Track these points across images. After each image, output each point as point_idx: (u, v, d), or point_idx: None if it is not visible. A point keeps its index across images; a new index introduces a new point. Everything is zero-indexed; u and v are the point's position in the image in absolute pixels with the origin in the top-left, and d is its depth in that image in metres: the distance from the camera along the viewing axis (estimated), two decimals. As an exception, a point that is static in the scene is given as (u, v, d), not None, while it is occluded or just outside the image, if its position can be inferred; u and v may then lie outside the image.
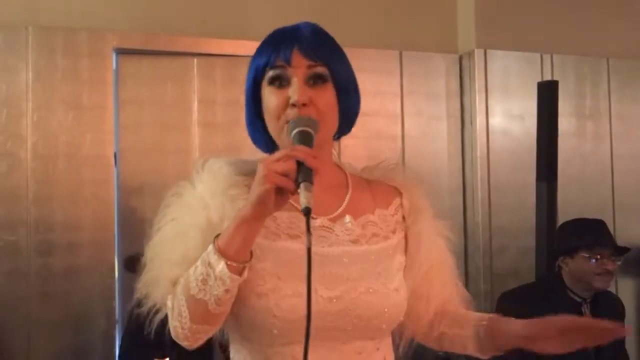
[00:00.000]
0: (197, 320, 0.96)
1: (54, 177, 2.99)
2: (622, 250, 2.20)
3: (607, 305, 2.21)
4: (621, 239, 3.80)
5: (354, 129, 1.17)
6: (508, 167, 3.66)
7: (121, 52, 3.16)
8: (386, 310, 1.02)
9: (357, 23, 3.42)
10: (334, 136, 1.11)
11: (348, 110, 1.07)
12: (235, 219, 0.93)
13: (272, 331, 0.97)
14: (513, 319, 1.10)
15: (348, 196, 1.09)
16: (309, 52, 1.01)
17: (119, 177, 3.16)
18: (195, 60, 3.31)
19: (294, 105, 1.00)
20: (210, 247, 0.94)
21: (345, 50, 1.25)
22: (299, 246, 1.00)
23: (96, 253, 3.04)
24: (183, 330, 0.99)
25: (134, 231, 3.20)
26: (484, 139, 3.66)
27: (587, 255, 2.05)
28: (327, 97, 1.02)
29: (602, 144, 3.89)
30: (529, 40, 3.72)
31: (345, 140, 2.76)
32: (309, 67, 1.01)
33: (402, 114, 3.58)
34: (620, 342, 2.28)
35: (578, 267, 2.09)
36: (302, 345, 0.94)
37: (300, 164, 0.89)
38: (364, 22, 3.47)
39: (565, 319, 1.05)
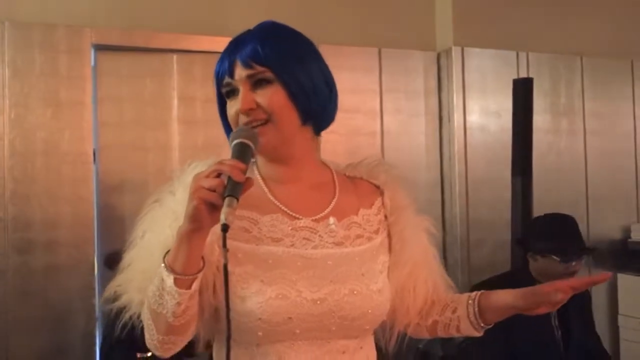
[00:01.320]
0: (162, 332, 0.99)
1: (32, 175, 2.96)
2: (589, 251, 2.26)
3: (572, 299, 2.26)
4: (594, 233, 3.91)
5: (333, 126, 1.17)
6: (485, 163, 3.72)
7: (100, 48, 3.13)
8: (369, 311, 1.04)
9: (336, 21, 3.44)
10: (314, 131, 1.12)
11: (309, 106, 1.07)
12: (177, 235, 0.94)
13: (257, 333, 0.99)
14: (499, 291, 1.16)
15: (335, 200, 1.10)
16: (248, 61, 1.04)
17: (98, 175, 3.13)
18: (174, 56, 3.30)
19: (241, 114, 1.04)
20: (162, 264, 0.96)
21: (325, 47, 1.26)
22: (282, 249, 1.02)
23: (75, 251, 3.02)
24: (153, 341, 1.02)
25: (114, 229, 3.18)
26: (462, 135, 3.71)
27: (558, 259, 2.10)
28: (272, 97, 1.03)
29: (576, 140, 3.98)
30: (505, 38, 3.79)
31: (325, 136, 2.79)
32: (249, 76, 1.04)
33: (381, 110, 3.61)
34: (590, 329, 2.34)
35: (546, 266, 2.15)
36: (287, 344, 0.97)
37: (229, 179, 0.90)
38: (343, 19, 3.49)
39: (550, 286, 1.11)
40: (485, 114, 3.77)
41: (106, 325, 2.57)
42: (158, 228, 1.04)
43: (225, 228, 0.86)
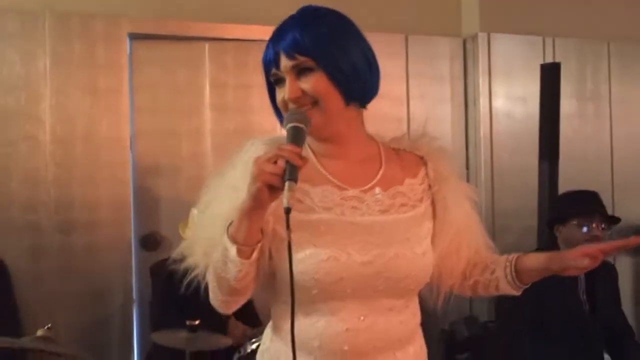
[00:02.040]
0: (225, 293, 1.10)
1: (73, 159, 3.11)
2: (612, 220, 2.31)
3: (600, 270, 2.32)
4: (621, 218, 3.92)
5: (368, 116, 1.25)
6: (510, 149, 3.75)
7: (135, 37, 3.25)
8: (413, 273, 1.13)
9: (363, 7, 3.48)
10: (360, 104, 1.18)
11: (351, 87, 1.13)
12: (239, 210, 1.03)
13: (312, 291, 1.08)
14: (533, 254, 1.25)
15: (381, 171, 1.18)
16: (290, 52, 1.11)
17: (135, 159, 3.27)
18: (207, 44, 3.40)
19: (288, 101, 1.13)
20: (225, 235, 1.05)
21: None
22: (333, 217, 1.11)
23: (114, 231, 3.17)
24: (217, 300, 1.13)
25: (149, 211, 3.33)
26: (487, 121, 3.75)
27: (577, 223, 2.17)
28: (315, 84, 1.11)
29: (602, 125, 3.98)
30: (531, 24, 3.80)
31: None
32: (293, 66, 1.11)
33: (407, 96, 3.67)
34: (616, 303, 2.40)
35: (569, 234, 2.22)
36: (339, 301, 1.07)
37: (287, 164, 0.98)
38: (370, 6, 3.54)
39: (577, 251, 1.20)
40: (511, 100, 3.80)
41: (160, 291, 2.69)
42: (220, 200, 1.14)
43: (288, 211, 0.95)
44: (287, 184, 0.96)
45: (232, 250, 1.03)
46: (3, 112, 3.00)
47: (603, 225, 2.26)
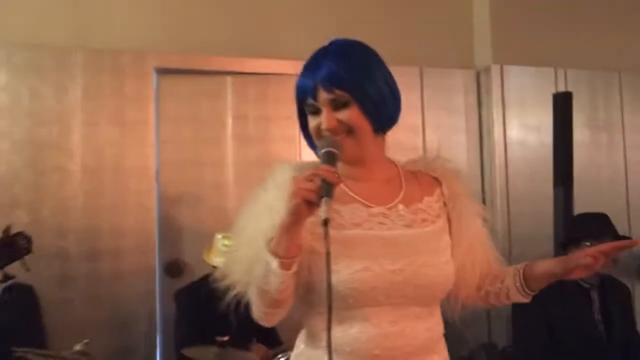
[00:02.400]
0: (267, 305, 1.18)
1: (101, 189, 3.22)
2: (622, 239, 2.35)
3: (613, 289, 2.39)
4: (636, 247, 3.94)
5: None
6: (525, 177, 3.82)
7: (161, 71, 3.40)
8: (440, 280, 1.22)
9: (379, 41, 3.59)
10: (381, 132, 1.28)
11: (381, 118, 1.25)
12: (279, 226, 1.12)
13: (348, 300, 1.16)
14: (540, 261, 1.32)
15: (403, 191, 1.28)
16: (328, 85, 1.21)
17: (160, 188, 3.38)
18: (229, 78, 3.54)
19: (325, 129, 1.22)
20: (265, 250, 1.14)
21: None
22: (363, 231, 1.21)
23: (138, 259, 3.26)
24: (259, 313, 1.21)
25: (173, 238, 3.42)
26: (502, 150, 3.84)
27: (589, 244, 2.22)
28: (351, 116, 1.21)
29: (615, 154, 4.05)
30: (543, 55, 3.91)
31: None
32: (331, 100, 1.21)
33: (423, 126, 3.77)
34: (631, 322, 2.43)
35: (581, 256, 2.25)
36: (371, 308, 1.16)
37: (323, 181, 1.08)
38: (386, 39, 3.66)
39: (580, 252, 1.27)
40: (525, 129, 3.88)
41: (187, 313, 2.77)
42: (256, 220, 1.22)
43: (326, 222, 1.05)
44: (324, 199, 1.06)
45: (274, 263, 1.11)
46: (36, 143, 3.13)
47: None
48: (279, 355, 2.29)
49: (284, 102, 3.62)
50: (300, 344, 1.29)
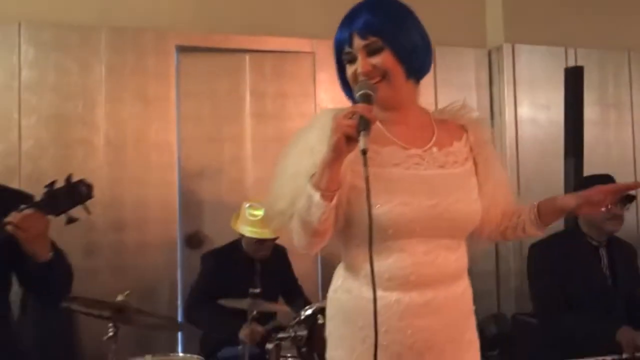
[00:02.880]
0: (309, 234, 1.27)
1: (124, 162, 3.34)
2: (628, 198, 2.46)
3: (620, 248, 2.50)
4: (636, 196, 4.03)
5: None
6: (536, 154, 3.91)
7: (182, 49, 3.50)
8: (470, 215, 1.35)
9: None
10: (416, 80, 1.39)
11: (412, 64, 1.34)
12: (321, 162, 1.22)
13: (388, 231, 1.27)
14: (554, 197, 1.44)
15: (435, 135, 1.39)
16: (362, 32, 1.32)
17: (181, 162, 3.49)
18: (247, 56, 3.64)
19: (359, 74, 1.33)
20: (308, 184, 1.26)
21: None
22: (401, 170, 1.32)
23: (161, 230, 3.38)
24: (302, 242, 1.31)
25: (194, 211, 3.54)
26: (513, 128, 3.93)
27: None
28: (384, 61, 1.32)
29: (624, 131, 4.13)
30: (554, 35, 3.98)
31: None
32: (365, 46, 1.32)
33: (435, 103, 3.86)
34: (636, 278, 2.54)
35: (592, 215, 2.36)
36: (408, 240, 1.27)
37: (361, 117, 1.18)
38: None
39: (590, 190, 1.39)
40: (535, 107, 3.97)
41: (213, 271, 2.91)
42: (299, 160, 1.33)
43: (365, 152, 1.16)
44: (362, 133, 1.17)
45: (316, 196, 1.22)
46: (62, 117, 3.25)
47: (621, 204, 2.41)
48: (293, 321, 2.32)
49: (300, 79, 3.72)
50: (338, 279, 1.39)
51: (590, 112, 3.89)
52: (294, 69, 3.68)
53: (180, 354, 2.50)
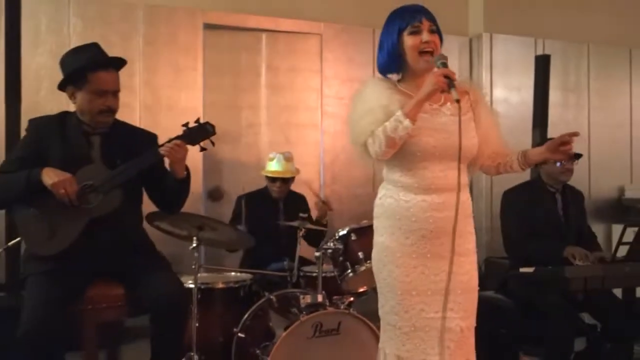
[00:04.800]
0: (389, 146, 1.79)
1: (157, 124, 3.80)
2: (577, 156, 3.10)
3: (571, 194, 3.17)
4: (594, 191, 4.74)
5: None
6: (507, 130, 4.44)
7: (208, 26, 3.98)
8: (469, 146, 1.86)
9: (386, 8, 4.24)
10: None
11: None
12: (413, 100, 1.77)
13: (417, 154, 1.83)
14: (534, 149, 1.98)
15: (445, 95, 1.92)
16: (429, 18, 1.91)
17: (205, 126, 3.98)
18: (263, 35, 4.15)
19: (425, 42, 1.87)
20: (399, 113, 1.77)
21: (370, 32, 1.86)
22: (427, 116, 1.84)
23: (188, 184, 3.87)
24: (381, 151, 1.79)
25: (214, 169, 4.05)
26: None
27: (553, 161, 2.97)
28: (436, 40, 1.90)
29: (581, 114, 4.81)
30: (526, 26, 4.61)
31: None
32: (429, 26, 1.90)
33: (424, 83, 4.44)
34: (583, 217, 3.22)
35: (550, 168, 3.05)
36: (429, 162, 1.83)
37: (450, 79, 1.74)
38: (387, 6, 4.29)
39: (556, 140, 1.91)
40: (508, 90, 4.59)
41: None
42: (374, 101, 1.85)
43: (458, 100, 1.71)
44: (452, 88, 1.73)
45: (406, 121, 1.76)
46: (105, 83, 3.70)
47: (570, 160, 3.06)
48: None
49: (309, 56, 4.25)
50: (382, 190, 1.93)
51: (553, 95, 4.53)
52: (304, 48, 4.21)
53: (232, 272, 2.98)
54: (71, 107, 2.44)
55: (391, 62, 1.95)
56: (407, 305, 1.82)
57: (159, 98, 3.84)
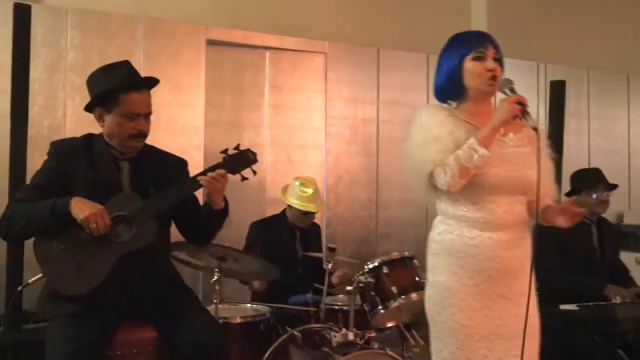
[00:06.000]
0: (462, 176, 1.69)
1: (156, 142, 3.60)
2: (613, 187, 3.03)
3: (606, 227, 3.08)
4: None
5: (391, 116, 1.78)
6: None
7: (211, 43, 3.83)
8: (532, 180, 1.72)
9: (397, 30, 4.18)
10: None
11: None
12: (488, 128, 1.68)
13: (485, 187, 1.72)
14: (556, 205, 1.85)
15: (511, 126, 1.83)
16: (496, 46, 1.84)
17: (205, 145, 3.82)
18: (267, 53, 4.01)
19: (490, 71, 1.78)
20: (473, 140, 1.67)
21: (383, 52, 1.77)
22: (493, 148, 1.71)
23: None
24: (453, 182, 1.68)
25: (215, 191, 3.87)
26: (489, 130, 4.49)
27: (589, 193, 2.89)
28: (499, 70, 1.81)
29: (582, 138, 4.79)
30: (528, 51, 4.58)
31: (382, 125, 3.66)
32: (494, 55, 1.82)
33: (427, 102, 4.36)
34: (618, 252, 3.14)
35: (584, 200, 2.93)
36: (495, 195, 1.71)
37: (522, 104, 1.67)
38: (402, 30, 4.23)
39: (568, 204, 1.82)
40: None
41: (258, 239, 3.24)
42: (440, 129, 1.74)
43: (536, 129, 1.66)
44: (527, 115, 1.65)
45: (482, 150, 1.66)
46: (103, 99, 3.51)
47: (607, 192, 2.99)
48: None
49: (313, 76, 4.13)
50: (440, 225, 1.79)
51: (555, 120, 4.52)
52: (308, 67, 4.09)
53: (249, 305, 2.73)
54: (62, 126, 2.26)
55: (451, 86, 1.84)
56: (470, 351, 1.69)
57: (159, 116, 3.64)
